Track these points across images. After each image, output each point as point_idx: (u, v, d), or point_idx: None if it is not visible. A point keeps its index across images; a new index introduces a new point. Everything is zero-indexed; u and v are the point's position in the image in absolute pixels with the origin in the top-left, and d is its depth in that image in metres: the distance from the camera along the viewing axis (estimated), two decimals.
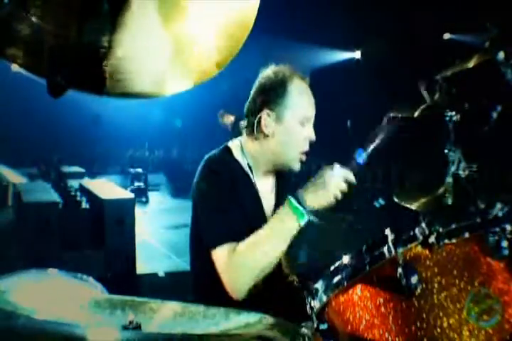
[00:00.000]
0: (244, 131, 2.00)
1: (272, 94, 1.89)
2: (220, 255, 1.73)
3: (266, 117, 1.89)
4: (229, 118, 1.78)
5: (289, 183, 2.11)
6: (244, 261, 1.68)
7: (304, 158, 1.93)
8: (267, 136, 1.90)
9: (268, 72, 1.94)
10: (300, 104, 1.90)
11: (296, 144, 1.91)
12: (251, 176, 1.95)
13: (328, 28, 8.29)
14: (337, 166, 1.74)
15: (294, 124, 1.89)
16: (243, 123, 2.01)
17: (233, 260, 1.68)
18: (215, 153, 1.96)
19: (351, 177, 1.74)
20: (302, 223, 1.69)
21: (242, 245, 1.69)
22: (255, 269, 1.68)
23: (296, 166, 1.94)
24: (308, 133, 1.92)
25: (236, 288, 1.69)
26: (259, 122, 1.90)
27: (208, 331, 1.09)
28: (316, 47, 8.79)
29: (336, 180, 1.71)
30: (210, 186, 1.86)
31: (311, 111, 1.93)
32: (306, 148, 1.93)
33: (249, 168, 1.95)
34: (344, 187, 1.72)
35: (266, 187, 2.01)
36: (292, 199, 1.70)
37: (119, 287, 1.35)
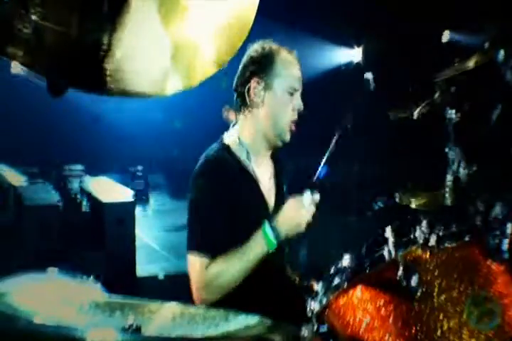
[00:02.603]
0: (236, 111, 2.04)
1: (260, 65, 1.96)
2: (195, 263, 1.81)
3: (255, 85, 1.95)
4: (233, 115, 1.79)
5: (286, 169, 2.18)
6: (214, 280, 1.79)
7: (293, 127, 1.99)
8: (257, 105, 1.96)
9: (255, 46, 2.00)
10: (287, 73, 1.97)
11: (286, 112, 1.96)
12: (250, 169, 1.97)
13: (327, 28, 8.29)
14: (306, 193, 1.86)
15: (282, 93, 1.96)
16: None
17: (205, 276, 1.79)
18: (212, 154, 1.96)
19: (318, 198, 1.87)
20: (271, 250, 1.81)
21: (216, 265, 1.79)
22: (223, 285, 1.79)
23: (287, 136, 1.99)
24: (297, 102, 1.98)
25: (202, 300, 1.80)
26: (248, 91, 1.95)
27: (207, 333, 1.09)
28: (316, 46, 8.79)
29: (306, 207, 1.84)
30: (205, 189, 1.89)
31: (298, 82, 1.99)
32: (295, 117, 1.99)
33: (248, 156, 1.96)
34: (313, 211, 1.85)
35: (265, 175, 2.05)
36: (267, 229, 1.81)
37: (118, 289, 1.34)
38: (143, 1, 0.90)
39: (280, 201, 2.05)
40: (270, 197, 2.03)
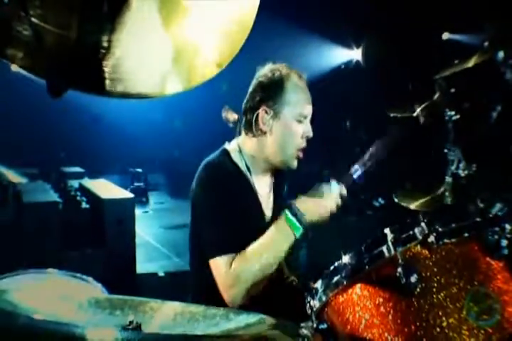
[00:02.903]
0: (242, 130, 2.01)
1: (269, 92, 1.91)
2: (217, 266, 1.76)
3: (263, 114, 1.91)
4: (232, 116, 1.78)
5: (286, 182, 2.14)
6: (241, 275, 1.72)
7: (301, 154, 1.95)
8: (265, 133, 1.92)
9: (265, 70, 1.96)
10: (297, 101, 1.92)
11: (294, 141, 1.92)
12: (249, 178, 1.95)
13: (328, 28, 8.28)
14: (334, 182, 1.84)
15: (291, 121, 1.91)
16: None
17: (230, 274, 1.72)
18: (213, 158, 1.96)
19: (345, 193, 1.84)
20: (298, 235, 1.76)
21: (239, 259, 1.73)
22: (251, 281, 1.72)
23: (294, 164, 1.96)
24: (306, 129, 1.94)
25: (232, 300, 1.73)
26: (256, 119, 1.92)
27: (207, 331, 1.09)
28: (316, 46, 8.79)
29: (333, 195, 1.81)
30: (209, 193, 1.87)
31: (308, 109, 1.95)
32: (304, 144, 1.95)
33: (248, 169, 1.95)
34: (339, 202, 1.82)
35: (264, 189, 2.02)
36: (288, 213, 1.76)
37: (119, 287, 1.35)
38: (143, 1, 0.91)
39: (277, 213, 2.04)
40: (268, 209, 2.01)
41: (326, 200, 1.80)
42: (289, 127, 1.91)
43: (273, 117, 1.90)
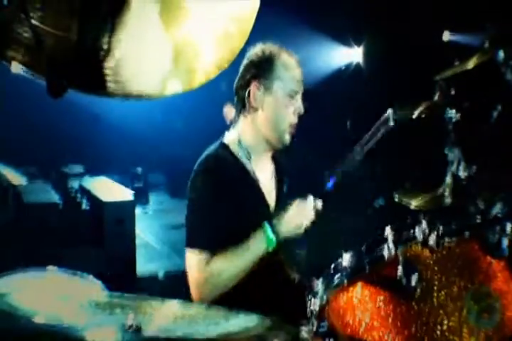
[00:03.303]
0: (237, 115, 2.03)
1: (260, 69, 1.95)
2: (193, 260, 1.80)
3: (255, 90, 1.94)
4: (233, 113, 1.80)
5: (286, 169, 2.17)
6: (213, 278, 1.78)
7: (293, 131, 1.98)
8: (257, 109, 1.95)
9: (256, 49, 2.00)
10: (287, 77, 1.96)
11: (286, 116, 1.96)
12: (250, 169, 1.97)
13: (328, 28, 8.29)
14: (310, 198, 1.90)
15: (282, 96, 1.95)
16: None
17: (203, 274, 1.78)
18: (211, 152, 1.97)
19: (320, 206, 1.90)
20: (270, 249, 1.82)
21: (215, 261, 1.78)
22: (221, 284, 1.79)
23: (287, 139, 1.98)
24: (297, 106, 1.97)
25: (200, 297, 1.79)
26: (248, 96, 1.95)
27: (207, 333, 1.09)
28: (316, 46, 8.79)
29: (307, 212, 1.88)
30: (204, 186, 1.88)
31: (298, 85, 1.98)
32: (295, 120, 1.98)
33: (249, 157, 1.97)
34: (313, 217, 1.88)
35: (265, 175, 2.04)
36: (267, 228, 1.82)
37: (119, 288, 1.34)
38: (143, 2, 0.91)
39: (281, 201, 2.06)
40: (271, 197, 2.03)
41: (301, 216, 1.87)
42: (281, 102, 1.95)
43: (264, 93, 1.94)
